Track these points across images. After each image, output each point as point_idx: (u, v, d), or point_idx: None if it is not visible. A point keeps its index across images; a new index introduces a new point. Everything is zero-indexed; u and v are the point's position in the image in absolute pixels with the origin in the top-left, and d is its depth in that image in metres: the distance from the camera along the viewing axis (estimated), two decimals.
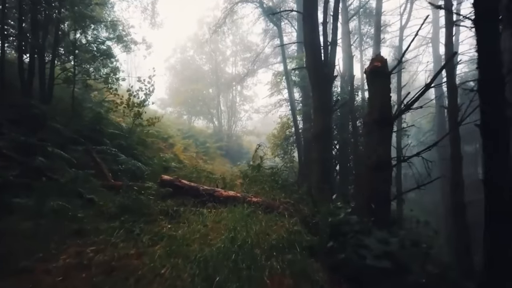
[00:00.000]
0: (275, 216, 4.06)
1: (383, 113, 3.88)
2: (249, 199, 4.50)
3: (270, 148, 14.21)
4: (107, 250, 2.51)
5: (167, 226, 3.28)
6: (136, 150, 8.50)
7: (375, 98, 3.97)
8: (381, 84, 3.95)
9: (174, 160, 10.84)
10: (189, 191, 4.94)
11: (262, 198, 4.55)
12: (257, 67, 20.55)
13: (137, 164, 6.59)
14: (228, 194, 4.70)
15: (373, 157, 3.82)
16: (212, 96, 23.81)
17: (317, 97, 7.63)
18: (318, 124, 7.55)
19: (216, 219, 3.69)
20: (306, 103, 13.25)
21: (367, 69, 4.13)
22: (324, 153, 7.34)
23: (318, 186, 7.21)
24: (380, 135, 3.86)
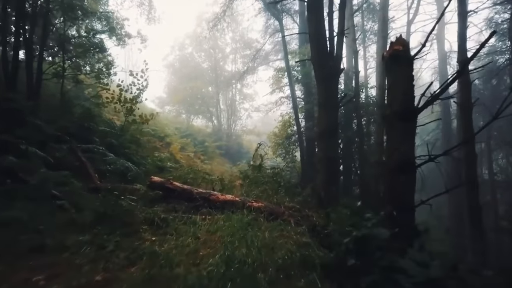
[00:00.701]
0: (280, 224, 3.49)
1: (405, 104, 3.31)
2: (249, 204, 3.94)
3: (271, 148, 13.64)
4: (67, 275, 1.95)
5: (151, 238, 2.72)
6: (129, 149, 7.94)
7: (396, 88, 3.40)
8: (403, 71, 3.38)
9: (170, 159, 10.28)
10: (182, 195, 4.38)
11: (264, 203, 3.99)
12: (257, 64, 19.97)
13: (126, 164, 6.04)
14: (225, 198, 4.14)
15: (395, 157, 3.26)
16: (211, 95, 23.24)
17: (322, 92, 7.06)
18: (323, 121, 6.98)
19: (210, 229, 3.13)
20: (308, 100, 12.69)
21: (385, 54, 3.56)
22: (330, 152, 6.77)
23: (324, 188, 6.65)
24: (403, 131, 3.29)
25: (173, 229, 2.97)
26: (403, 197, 3.28)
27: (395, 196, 3.32)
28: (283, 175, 8.18)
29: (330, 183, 6.68)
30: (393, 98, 3.42)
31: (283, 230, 3.31)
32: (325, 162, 6.69)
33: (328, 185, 6.64)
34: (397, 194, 3.30)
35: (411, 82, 3.42)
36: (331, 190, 6.66)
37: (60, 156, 5.52)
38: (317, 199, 6.44)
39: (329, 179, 6.70)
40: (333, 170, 6.78)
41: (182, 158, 11.40)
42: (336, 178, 6.80)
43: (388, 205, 3.32)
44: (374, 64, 21.74)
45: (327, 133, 6.80)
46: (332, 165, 6.76)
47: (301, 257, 2.61)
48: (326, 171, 6.69)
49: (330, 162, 6.73)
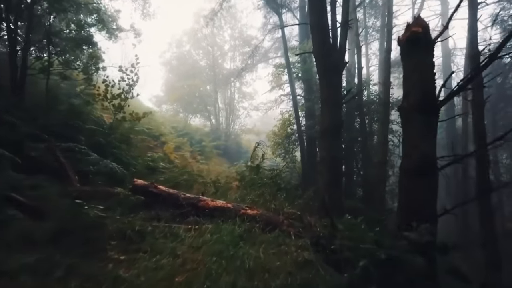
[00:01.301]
0: (278, 236, 2.98)
1: (426, 96, 2.81)
2: (243, 211, 3.42)
3: (271, 147, 13.12)
4: None
5: (118, 258, 2.21)
6: (118, 148, 7.42)
7: (415, 76, 2.89)
8: (423, 57, 2.88)
9: (163, 160, 9.76)
10: (167, 200, 3.87)
11: (260, 211, 3.47)
12: (256, 61, 19.46)
13: (110, 164, 5.51)
14: (216, 205, 3.63)
15: (414, 156, 2.75)
16: (210, 93, 22.71)
17: (324, 87, 6.56)
18: (326, 119, 6.48)
19: (194, 244, 2.61)
20: (309, 98, 12.19)
21: (401, 38, 3.05)
22: (333, 152, 6.26)
23: (327, 190, 6.14)
24: (423, 126, 2.79)
25: (149, 244, 2.47)
26: (424, 204, 2.77)
27: (413, 204, 2.81)
28: (283, 177, 7.67)
29: (333, 185, 6.17)
30: (411, 88, 2.91)
31: (282, 244, 2.80)
32: (328, 163, 6.19)
33: (331, 188, 6.13)
34: (416, 201, 2.79)
35: (432, 69, 2.91)
36: (335, 193, 6.16)
37: (36, 156, 5.02)
38: (320, 203, 5.94)
39: (332, 180, 6.19)
40: (336, 171, 6.27)
41: (177, 158, 10.88)
42: (339, 180, 6.29)
43: (404, 214, 2.82)
44: (376, 61, 21.35)
45: (330, 132, 6.29)
46: (336, 165, 6.25)
47: (303, 281, 2.10)
48: (329, 172, 6.19)
49: (333, 163, 6.23)
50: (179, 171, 8.62)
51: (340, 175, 6.33)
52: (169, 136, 13.93)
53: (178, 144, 14.08)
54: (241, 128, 23.28)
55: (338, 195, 6.20)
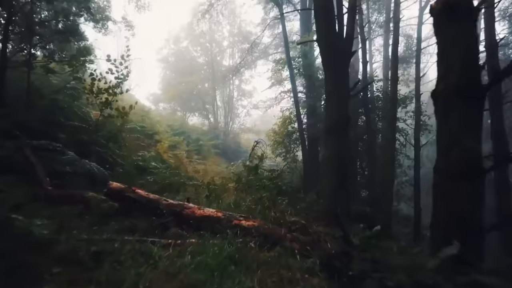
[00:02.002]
0: (279, 255, 2.36)
1: (468, 77, 2.18)
2: (236, 222, 2.80)
3: (270, 146, 12.50)
4: None
5: None
6: (103, 147, 6.79)
7: (455, 53, 2.26)
8: (463, 28, 2.25)
9: (155, 159, 9.14)
10: (147, 207, 3.24)
11: (257, 221, 2.84)
12: (256, 58, 18.84)
13: (88, 165, 4.89)
14: (203, 214, 3.00)
15: (455, 155, 2.12)
16: (208, 91, 22.10)
17: (330, 78, 5.93)
18: (331, 114, 5.86)
19: (170, 269, 1.99)
20: (311, 95, 11.57)
21: (435, 5, 2.42)
22: (339, 151, 5.64)
23: (332, 194, 5.52)
24: (465, 115, 2.16)
25: (106, 271, 1.84)
26: (467, 215, 2.15)
27: (454, 214, 2.18)
28: (284, 178, 7.06)
29: (339, 188, 5.55)
30: (448, 67, 2.29)
31: (284, 266, 2.18)
32: (334, 163, 5.56)
33: (337, 190, 5.51)
34: (457, 211, 2.17)
35: (476, 43, 2.28)
36: (340, 196, 5.54)
37: (3, 155, 4.41)
38: (325, 209, 5.31)
39: (338, 183, 5.57)
40: (342, 173, 5.64)
41: (171, 158, 10.25)
42: (346, 182, 5.66)
43: (442, 227, 2.19)
44: (379, 58, 20.67)
45: (335, 128, 5.67)
46: (342, 166, 5.63)
47: None
48: (334, 173, 5.57)
49: (340, 163, 5.60)
50: (170, 172, 8.01)
51: (347, 177, 5.71)
52: (164, 135, 13.30)
53: (173, 143, 13.45)
54: (240, 127, 22.67)
55: (344, 199, 5.58)
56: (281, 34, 18.79)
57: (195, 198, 4.63)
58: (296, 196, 6.31)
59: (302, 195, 6.37)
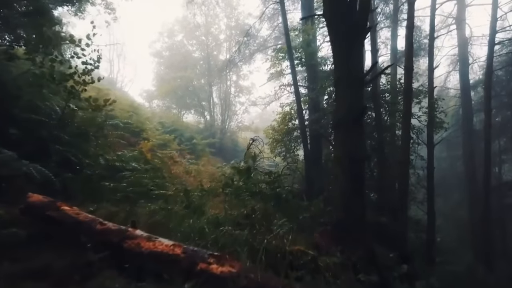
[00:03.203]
0: None
1: None
2: (203, 266, 1.69)
3: (269, 145, 11.40)
4: None
5: None
6: (67, 145, 5.67)
7: None
8: None
9: (138, 160, 8.03)
10: (75, 232, 2.13)
11: (237, 266, 1.74)
12: (254, 51, 17.72)
13: (24, 166, 3.79)
14: (153, 248, 1.89)
15: None
16: (204, 87, 20.97)
17: (341, 60, 4.82)
18: (342, 105, 4.75)
19: None
20: (313, 87, 10.46)
21: None
22: (352, 149, 4.53)
23: (344, 202, 4.42)
24: None
25: None
26: None
27: None
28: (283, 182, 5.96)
29: (352, 194, 4.44)
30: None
31: None
32: (346, 163, 4.45)
33: (350, 198, 4.41)
34: None
35: None
36: (354, 205, 4.43)
37: None
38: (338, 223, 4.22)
39: (351, 188, 4.46)
40: (356, 176, 4.53)
41: (157, 158, 9.15)
42: (361, 187, 4.56)
43: None
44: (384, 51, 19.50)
45: (348, 121, 4.56)
46: (356, 167, 4.52)
47: None
48: (346, 176, 4.46)
49: (353, 164, 4.49)
50: (152, 175, 6.92)
51: (362, 181, 4.61)
52: (153, 132, 12.21)
53: (163, 141, 12.37)
54: (238, 125, 21.57)
55: (358, 208, 4.47)
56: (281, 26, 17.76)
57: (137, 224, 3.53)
58: (298, 204, 5.22)
59: (305, 202, 5.29)
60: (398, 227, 6.59)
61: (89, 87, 12.68)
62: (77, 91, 5.98)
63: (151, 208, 4.22)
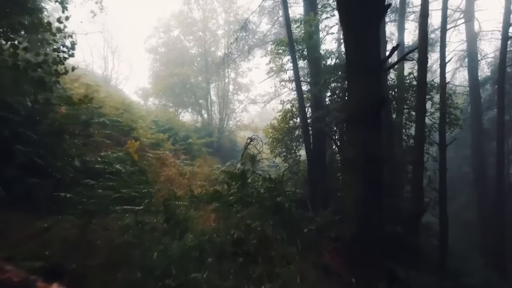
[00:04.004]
0: None
1: None
2: None
3: (269, 145, 10.62)
4: None
5: None
6: (34, 145, 4.90)
7: None
8: None
9: (124, 161, 7.27)
10: None
11: None
12: (253, 45, 16.96)
13: None
14: None
15: None
16: (201, 84, 20.19)
17: (354, 43, 4.05)
18: (356, 96, 3.98)
19: None
20: (317, 82, 9.67)
21: None
22: (370, 148, 3.76)
23: (356, 211, 3.66)
24: None
25: None
26: None
27: None
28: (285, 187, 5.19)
29: (372, 204, 3.67)
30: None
31: None
32: (362, 166, 3.68)
33: (368, 209, 3.64)
34: None
35: None
36: (373, 218, 3.66)
37: None
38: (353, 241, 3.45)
39: (367, 196, 3.68)
40: (375, 181, 3.75)
41: (145, 159, 8.38)
42: (380, 195, 3.78)
43: None
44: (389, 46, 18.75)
45: (363, 115, 3.79)
46: (375, 170, 3.74)
47: None
48: (363, 182, 3.68)
49: (371, 166, 3.71)
50: (136, 179, 6.17)
51: (381, 187, 3.83)
52: (145, 131, 11.44)
53: (156, 141, 11.61)
54: (237, 124, 20.80)
55: (377, 222, 3.69)
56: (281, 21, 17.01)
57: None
58: (302, 214, 4.45)
59: (310, 211, 4.51)
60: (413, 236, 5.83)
61: (77, 83, 11.84)
62: (48, 82, 5.20)
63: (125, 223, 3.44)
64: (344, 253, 3.54)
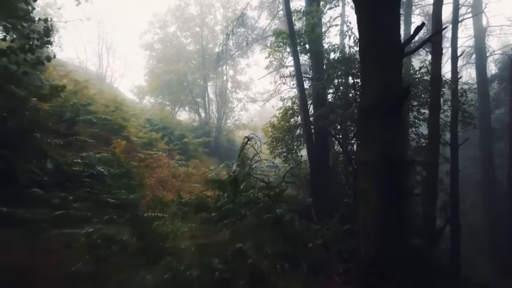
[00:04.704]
0: None
1: None
2: None
3: (268, 145, 9.97)
4: None
5: None
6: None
7: None
8: None
9: (109, 163, 6.60)
10: None
11: None
12: (251, 41, 16.28)
13: None
14: None
15: None
16: (198, 81, 19.52)
17: (370, 22, 3.37)
18: (373, 86, 3.31)
19: None
20: (319, 77, 9.00)
21: None
22: (391, 148, 3.09)
23: (381, 233, 3.00)
24: None
25: None
26: None
27: None
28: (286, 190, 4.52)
29: (395, 217, 3.00)
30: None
31: None
32: (383, 171, 3.01)
33: (390, 224, 2.98)
34: None
35: None
36: (396, 235, 3.00)
37: None
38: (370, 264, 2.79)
39: (392, 208, 3.02)
40: (399, 189, 3.08)
41: (134, 160, 7.72)
42: (404, 209, 3.11)
43: None
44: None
45: (384, 109, 3.12)
46: (398, 176, 3.07)
47: None
48: (384, 191, 3.01)
49: (391, 171, 3.04)
50: (120, 183, 5.51)
51: (404, 197, 3.17)
52: (137, 130, 10.77)
53: (148, 140, 10.95)
54: (235, 123, 20.12)
55: (399, 239, 3.03)
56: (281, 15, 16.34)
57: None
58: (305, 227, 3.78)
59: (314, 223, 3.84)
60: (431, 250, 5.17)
61: (66, 79, 11.05)
62: (15, 73, 4.53)
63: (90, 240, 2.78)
64: (359, 280, 2.89)
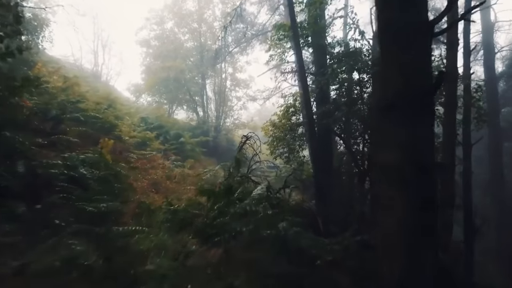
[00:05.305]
0: None
1: None
2: None
3: (268, 145, 9.40)
4: None
5: None
6: None
7: None
8: None
9: (95, 164, 6.05)
10: None
11: None
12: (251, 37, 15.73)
13: None
14: None
15: None
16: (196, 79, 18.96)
17: (387, 6, 2.81)
18: (393, 75, 2.74)
19: None
20: (323, 72, 8.45)
21: None
22: (420, 149, 2.53)
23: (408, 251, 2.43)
24: None
25: None
26: None
27: None
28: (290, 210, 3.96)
29: (423, 233, 2.45)
30: None
31: None
32: (411, 177, 2.45)
33: (418, 241, 2.42)
34: None
35: None
36: (425, 254, 2.45)
37: None
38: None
39: (422, 221, 2.46)
40: (429, 199, 2.51)
41: (123, 161, 7.17)
42: (434, 223, 2.56)
43: None
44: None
45: (409, 102, 2.56)
46: (426, 186, 2.51)
47: None
48: (410, 203, 2.45)
49: (420, 178, 2.48)
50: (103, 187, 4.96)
51: (434, 209, 2.61)
52: (130, 129, 10.22)
53: (143, 139, 10.40)
54: (234, 122, 19.55)
55: (428, 258, 2.47)
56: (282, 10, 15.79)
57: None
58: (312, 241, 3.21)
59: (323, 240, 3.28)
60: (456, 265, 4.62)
61: (56, 75, 10.43)
62: None
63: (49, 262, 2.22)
64: None
